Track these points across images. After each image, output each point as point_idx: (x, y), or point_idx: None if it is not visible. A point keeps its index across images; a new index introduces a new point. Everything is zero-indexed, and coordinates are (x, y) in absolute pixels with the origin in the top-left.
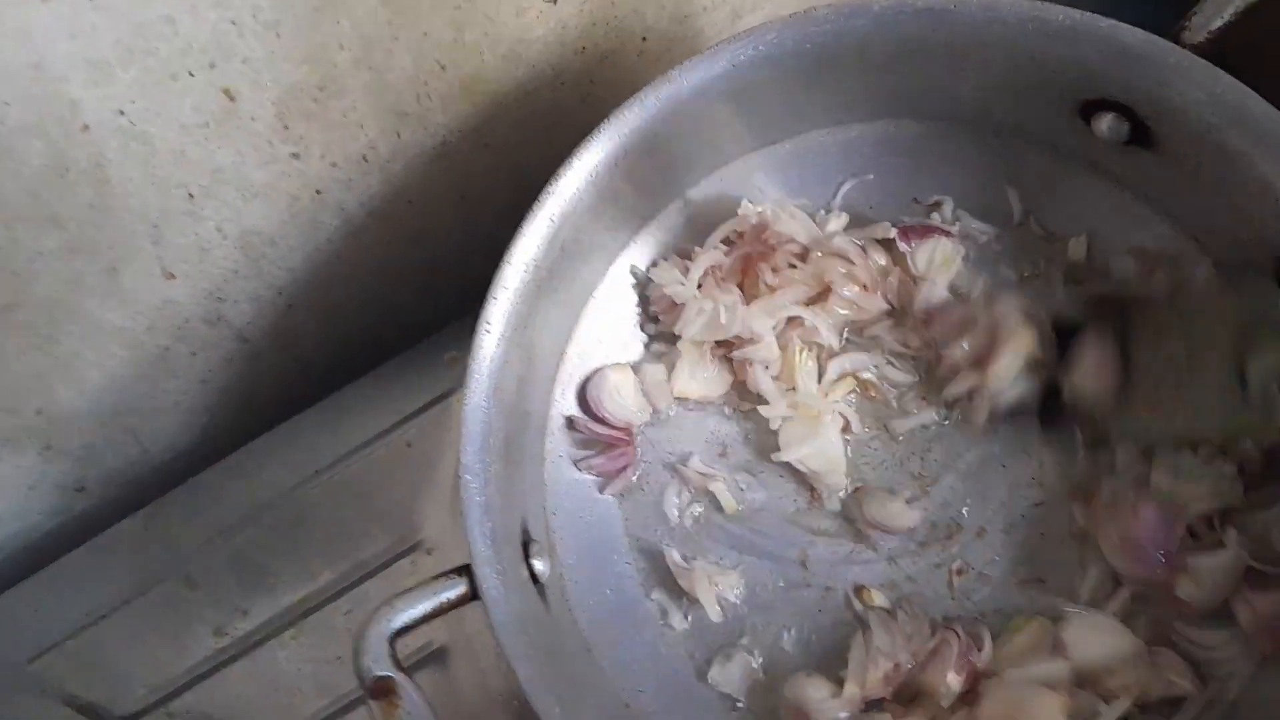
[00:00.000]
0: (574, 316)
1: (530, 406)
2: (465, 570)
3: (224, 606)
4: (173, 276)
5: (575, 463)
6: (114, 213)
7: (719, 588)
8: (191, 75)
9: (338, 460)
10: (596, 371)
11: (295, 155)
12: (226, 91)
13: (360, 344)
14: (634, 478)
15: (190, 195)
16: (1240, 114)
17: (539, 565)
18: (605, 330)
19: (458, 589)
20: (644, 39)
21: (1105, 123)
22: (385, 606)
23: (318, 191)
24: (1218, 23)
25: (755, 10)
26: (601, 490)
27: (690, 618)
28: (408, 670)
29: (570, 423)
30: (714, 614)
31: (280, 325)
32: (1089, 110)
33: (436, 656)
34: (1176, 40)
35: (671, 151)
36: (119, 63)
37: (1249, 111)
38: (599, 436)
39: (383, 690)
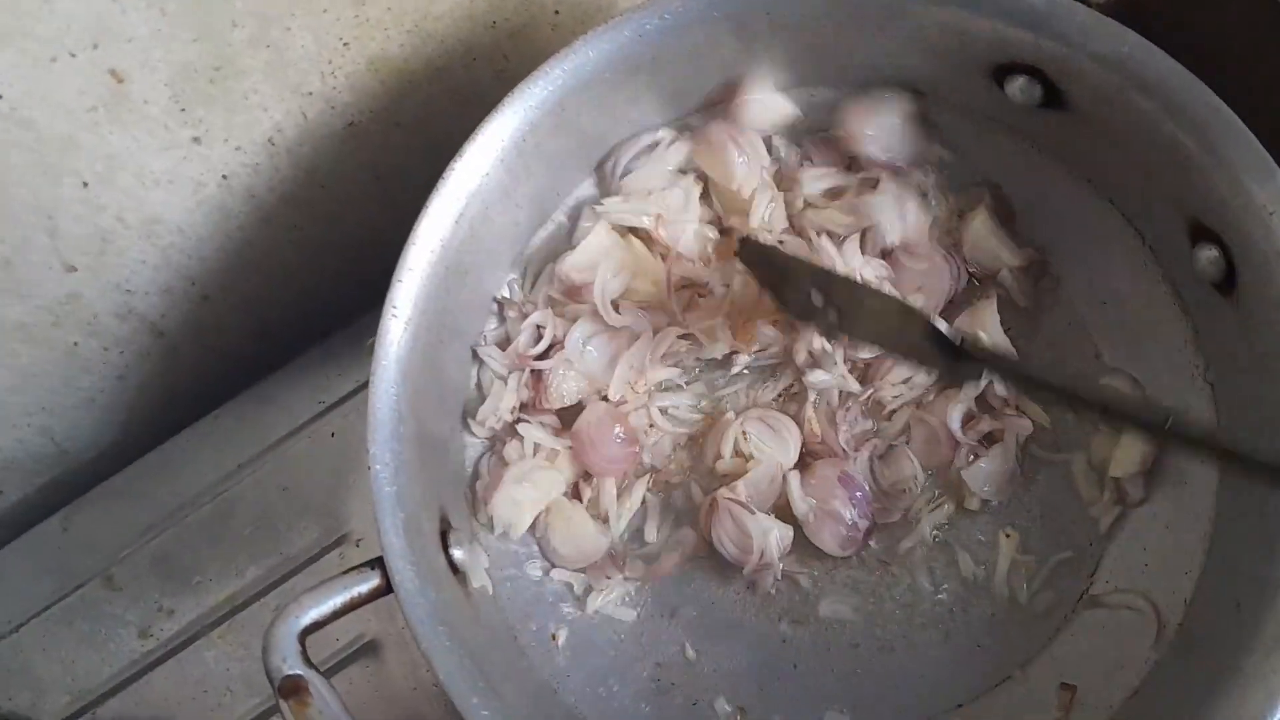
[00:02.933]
0: (489, 296)
1: (447, 390)
2: (378, 563)
3: (148, 608)
4: (74, 269)
5: None
6: (2, 203)
7: None
8: (73, 56)
9: (261, 453)
10: None
11: (196, 140)
12: (114, 73)
13: (281, 333)
14: None
15: (84, 184)
16: (1148, 73)
17: (458, 554)
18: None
19: (370, 583)
20: (556, 12)
21: (1018, 86)
22: (294, 604)
23: (224, 177)
24: None
25: None
26: None
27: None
28: (334, 666)
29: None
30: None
31: (196, 317)
32: (1002, 74)
33: (369, 649)
34: (1084, 0)
35: (582, 126)
36: None
37: (1156, 70)
38: None
39: (292, 689)
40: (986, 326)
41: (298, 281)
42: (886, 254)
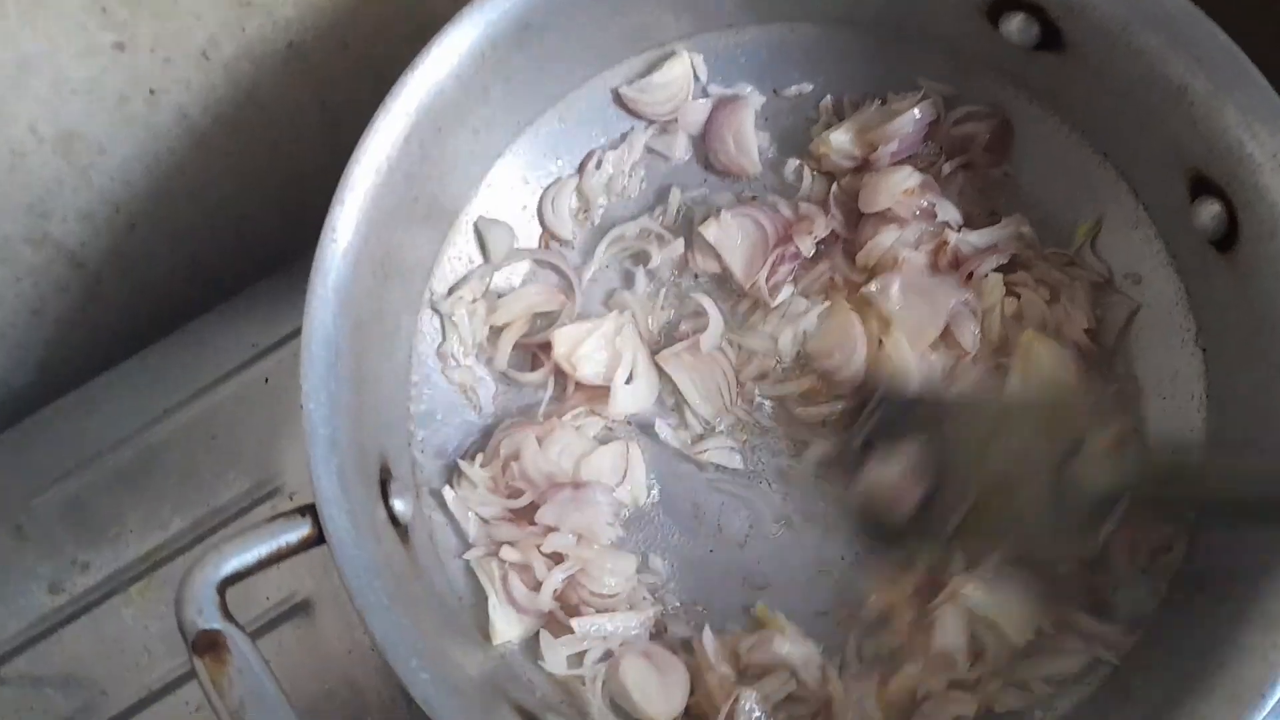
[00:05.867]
0: (444, 228)
1: (391, 328)
2: (309, 510)
3: (60, 560)
4: None
5: None
6: None
7: None
8: None
9: (189, 397)
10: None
11: (119, 45)
12: None
13: (215, 269)
14: None
15: None
16: (1155, 9)
17: (399, 505)
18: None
19: (299, 531)
20: None
21: (1014, 24)
22: (213, 551)
23: (151, 91)
24: None
25: None
26: None
27: None
28: (262, 627)
29: None
30: None
31: (121, 247)
32: (997, 11)
33: (301, 608)
34: None
35: (547, 46)
36: None
37: (1164, 6)
38: None
39: (208, 644)
40: None
41: (233, 213)
42: None
